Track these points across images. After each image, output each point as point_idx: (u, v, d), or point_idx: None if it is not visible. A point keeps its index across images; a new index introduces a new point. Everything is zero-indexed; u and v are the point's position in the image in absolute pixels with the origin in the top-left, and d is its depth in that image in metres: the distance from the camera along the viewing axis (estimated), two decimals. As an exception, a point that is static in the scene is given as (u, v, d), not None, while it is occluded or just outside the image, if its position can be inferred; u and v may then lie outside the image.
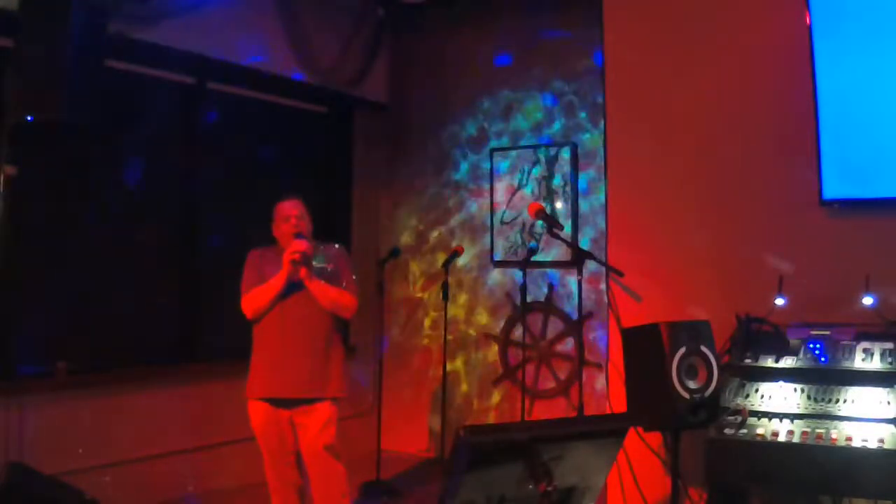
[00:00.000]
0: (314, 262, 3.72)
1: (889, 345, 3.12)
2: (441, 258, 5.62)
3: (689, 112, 4.11)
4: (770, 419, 3.09)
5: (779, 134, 3.85)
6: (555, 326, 5.48)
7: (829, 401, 3.06)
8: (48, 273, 4.23)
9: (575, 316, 5.06)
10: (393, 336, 6.11)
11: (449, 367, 5.58)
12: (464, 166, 5.98)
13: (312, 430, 3.67)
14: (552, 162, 5.49)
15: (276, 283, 3.65)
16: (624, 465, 4.03)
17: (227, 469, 4.88)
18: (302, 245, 3.60)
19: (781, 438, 2.99)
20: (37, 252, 4.18)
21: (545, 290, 5.49)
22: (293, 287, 3.68)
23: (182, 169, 4.97)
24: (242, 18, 4.99)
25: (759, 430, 3.05)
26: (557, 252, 5.32)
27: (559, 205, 5.43)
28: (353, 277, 3.88)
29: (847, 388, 3.08)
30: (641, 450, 3.97)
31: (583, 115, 5.43)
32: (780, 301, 3.61)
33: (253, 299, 3.68)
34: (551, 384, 5.45)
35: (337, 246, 3.99)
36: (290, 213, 3.75)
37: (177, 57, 4.68)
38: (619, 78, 4.35)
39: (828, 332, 3.28)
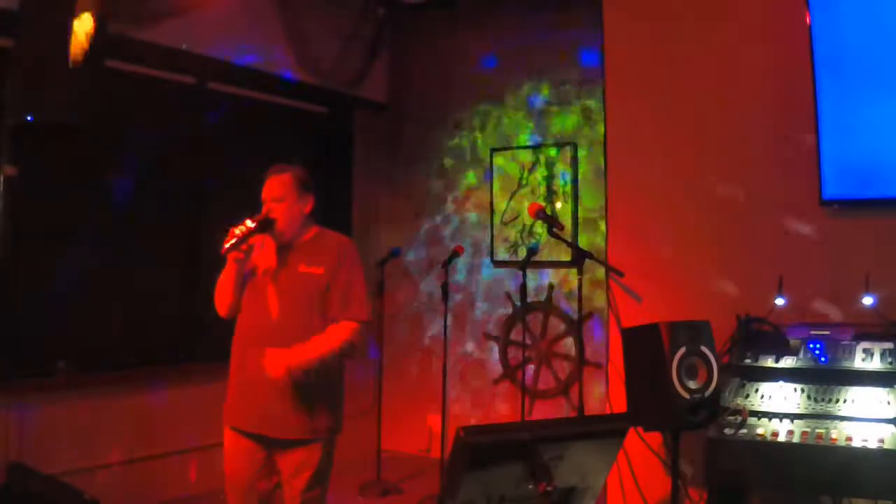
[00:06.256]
0: (303, 267, 2.92)
1: (889, 345, 3.11)
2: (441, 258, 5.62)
3: (688, 112, 4.11)
4: (770, 419, 3.08)
5: (779, 134, 3.85)
6: (555, 326, 5.48)
7: (829, 401, 3.06)
8: (48, 273, 4.22)
9: (575, 316, 5.06)
10: (393, 336, 6.11)
11: (449, 366, 5.58)
12: (463, 166, 5.98)
13: (292, 480, 2.88)
14: (552, 162, 5.49)
15: (223, 278, 2.96)
16: (624, 465, 4.03)
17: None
18: (232, 233, 2.83)
19: (781, 438, 2.99)
20: (37, 252, 4.18)
21: (545, 290, 5.49)
22: (266, 288, 2.92)
23: (182, 169, 4.97)
24: (242, 18, 4.98)
25: (759, 430, 3.05)
26: (557, 252, 5.32)
27: (559, 205, 5.43)
28: (363, 286, 2.97)
29: (847, 388, 3.08)
30: (641, 450, 3.97)
31: (583, 115, 5.43)
32: (780, 301, 3.61)
33: (215, 295, 3.02)
34: (551, 384, 5.44)
35: (340, 240, 3.08)
36: (266, 197, 3.02)
37: (177, 57, 4.68)
38: (619, 77, 4.35)
39: (828, 332, 3.28)
